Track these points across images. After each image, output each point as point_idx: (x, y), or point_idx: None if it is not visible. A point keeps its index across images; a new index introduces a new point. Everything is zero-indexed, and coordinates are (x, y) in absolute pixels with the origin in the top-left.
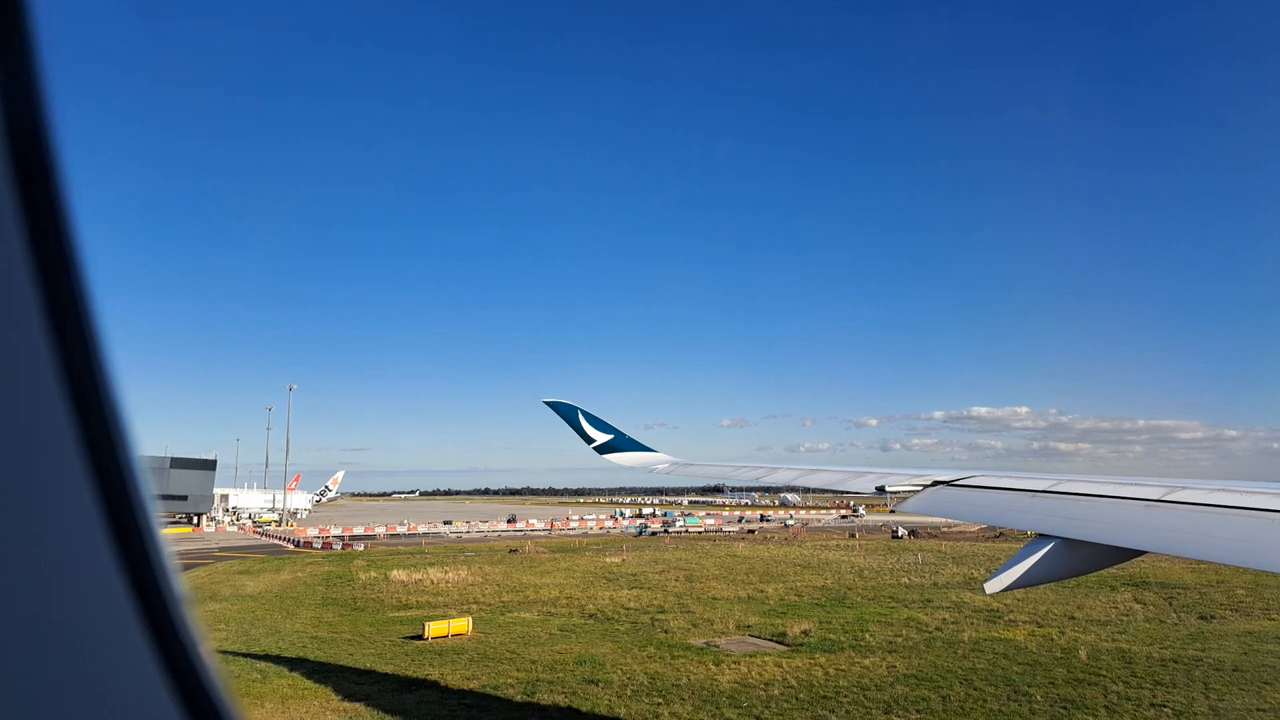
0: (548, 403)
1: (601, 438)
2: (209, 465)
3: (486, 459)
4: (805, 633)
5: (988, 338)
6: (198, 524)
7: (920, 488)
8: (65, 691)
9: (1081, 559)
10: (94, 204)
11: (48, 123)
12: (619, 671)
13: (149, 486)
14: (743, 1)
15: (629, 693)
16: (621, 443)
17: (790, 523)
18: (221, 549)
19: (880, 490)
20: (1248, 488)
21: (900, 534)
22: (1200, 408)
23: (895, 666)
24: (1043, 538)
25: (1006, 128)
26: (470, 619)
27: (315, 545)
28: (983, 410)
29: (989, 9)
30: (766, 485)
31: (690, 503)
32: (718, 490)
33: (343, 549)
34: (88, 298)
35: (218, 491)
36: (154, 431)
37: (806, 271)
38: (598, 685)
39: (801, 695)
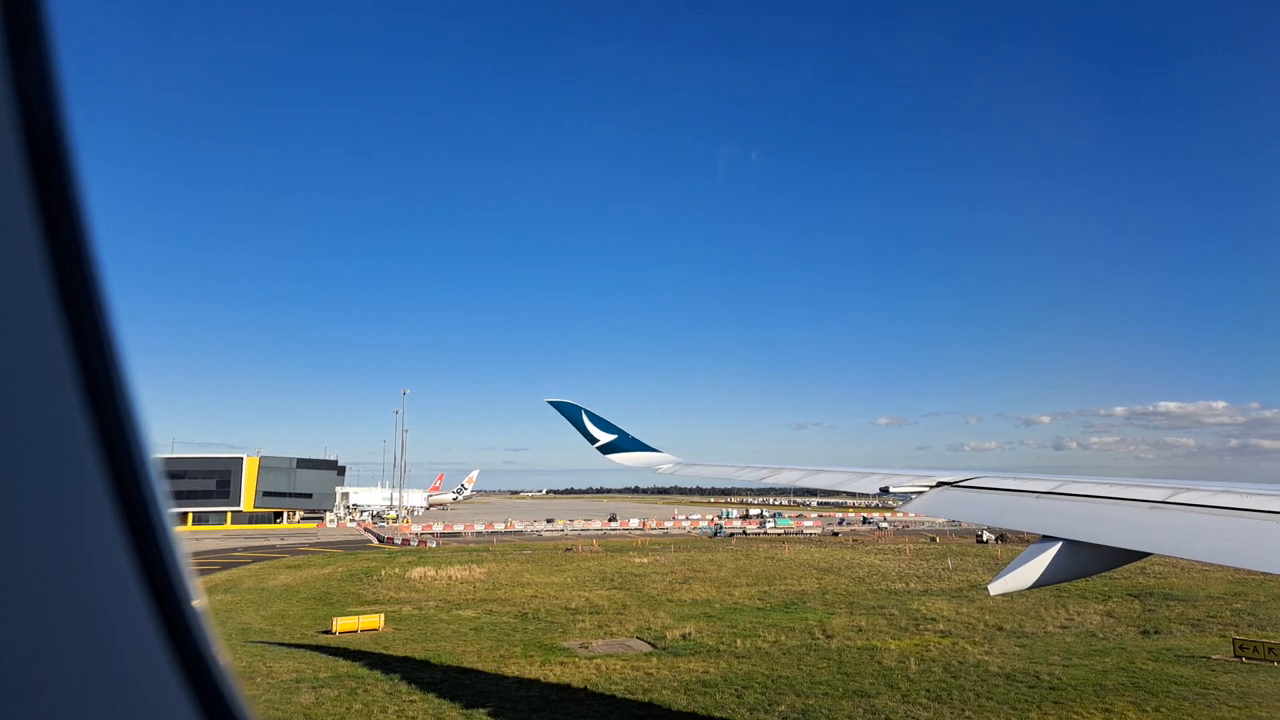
0: (551, 402)
1: (605, 438)
2: (331, 466)
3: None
4: (684, 636)
5: (1177, 325)
6: (321, 520)
7: (925, 489)
8: (80, 685)
9: (1085, 561)
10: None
11: (65, 131)
12: None
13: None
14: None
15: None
16: (625, 443)
17: (884, 525)
18: (313, 544)
19: (884, 491)
20: (1252, 490)
21: (985, 539)
22: None
23: (710, 672)
24: (1047, 539)
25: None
26: (383, 616)
27: (396, 541)
28: (1171, 405)
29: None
30: (770, 487)
31: (819, 504)
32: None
33: (418, 545)
34: (101, 299)
35: (340, 490)
36: (318, 437)
37: (967, 260)
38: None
39: (556, 696)
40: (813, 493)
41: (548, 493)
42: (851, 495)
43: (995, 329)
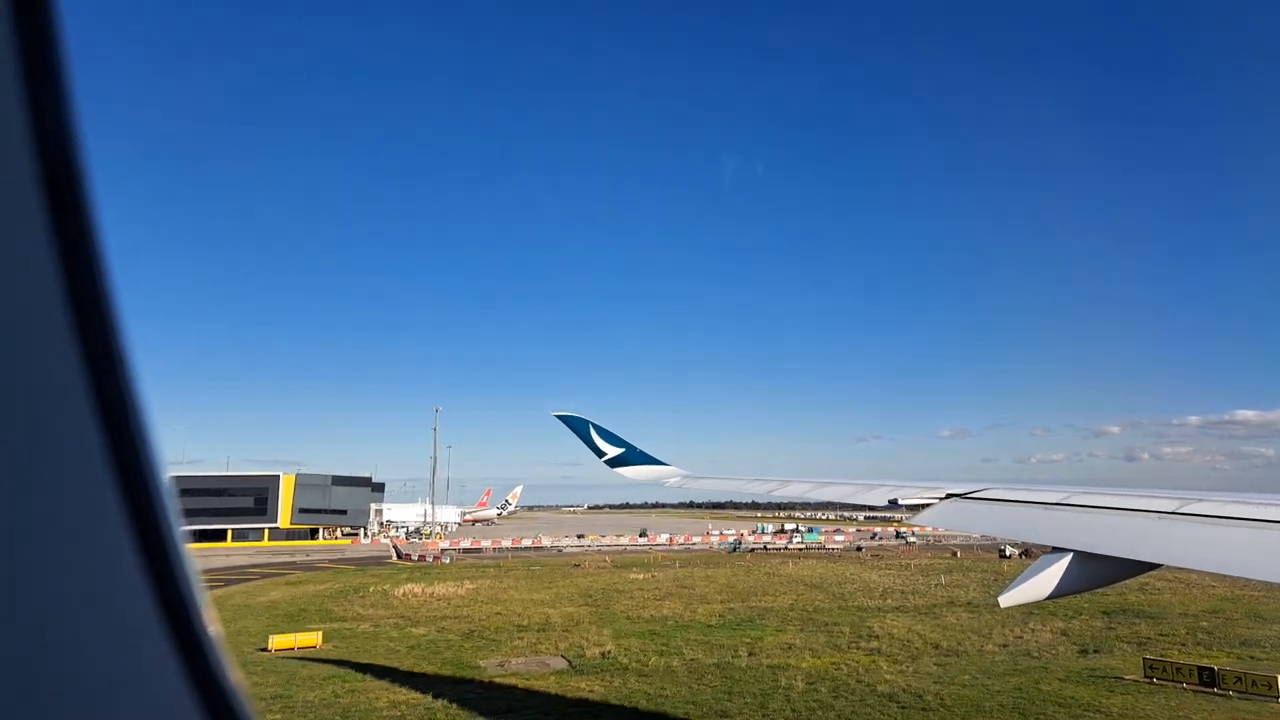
0: (558, 415)
1: (612, 451)
2: (366, 482)
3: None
4: (604, 654)
5: (1254, 330)
6: (356, 536)
7: (934, 501)
8: (92, 691)
9: (1095, 572)
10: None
11: (78, 142)
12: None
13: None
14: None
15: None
16: (633, 456)
17: (912, 539)
18: (333, 560)
19: (893, 503)
20: (1262, 500)
21: (1009, 553)
22: None
23: (595, 690)
24: (1058, 551)
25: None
26: (321, 633)
27: (413, 557)
28: (1249, 414)
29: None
30: (777, 500)
31: (865, 517)
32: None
33: (432, 561)
34: (113, 308)
35: (375, 506)
36: (375, 455)
37: (1031, 268)
38: (279, 700)
39: (415, 715)
40: (825, 505)
41: (590, 508)
42: (859, 508)
43: (1062, 337)
